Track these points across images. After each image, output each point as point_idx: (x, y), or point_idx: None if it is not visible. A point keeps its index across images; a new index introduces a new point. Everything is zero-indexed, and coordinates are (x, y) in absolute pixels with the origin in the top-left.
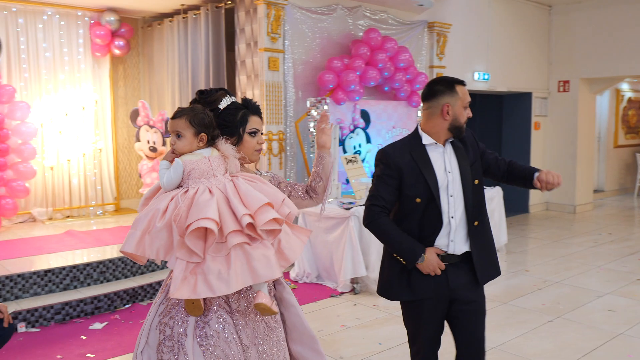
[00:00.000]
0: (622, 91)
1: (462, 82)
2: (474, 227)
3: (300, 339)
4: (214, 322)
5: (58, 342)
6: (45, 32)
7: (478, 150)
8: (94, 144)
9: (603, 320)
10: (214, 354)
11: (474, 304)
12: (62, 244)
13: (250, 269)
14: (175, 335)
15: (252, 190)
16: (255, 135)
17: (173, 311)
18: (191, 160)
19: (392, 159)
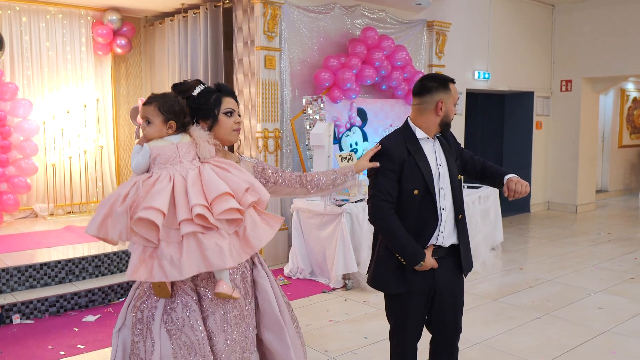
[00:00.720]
0: (628, 91)
1: (453, 81)
2: (459, 219)
3: (270, 326)
4: (180, 308)
5: (50, 334)
6: (48, 31)
7: (458, 148)
8: (96, 142)
9: (591, 318)
10: (180, 339)
11: (455, 295)
12: (61, 239)
13: (203, 257)
14: (145, 319)
15: (214, 178)
16: (232, 115)
17: (145, 296)
18: (157, 146)
19: (393, 153)
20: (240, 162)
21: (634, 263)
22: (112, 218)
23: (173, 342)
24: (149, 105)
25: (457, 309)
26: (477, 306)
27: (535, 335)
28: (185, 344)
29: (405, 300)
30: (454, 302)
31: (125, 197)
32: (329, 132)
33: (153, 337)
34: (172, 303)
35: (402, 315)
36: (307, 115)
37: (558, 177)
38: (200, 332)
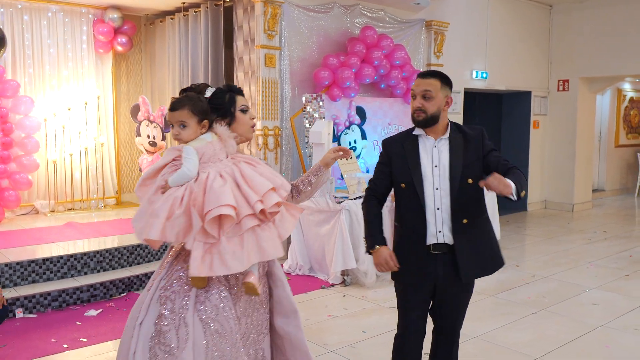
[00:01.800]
0: (624, 91)
1: (419, 75)
2: (462, 224)
3: (284, 312)
4: (214, 297)
5: (53, 328)
6: (50, 29)
7: (482, 150)
8: (96, 139)
9: (586, 314)
10: (212, 327)
11: (455, 295)
12: (62, 235)
13: (260, 248)
14: (177, 309)
15: (256, 175)
16: (247, 112)
17: (175, 286)
18: (199, 146)
19: (386, 147)
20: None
21: (629, 261)
22: (170, 220)
23: (206, 330)
24: (182, 109)
25: (456, 311)
26: (473, 302)
27: (530, 330)
28: (218, 331)
29: (403, 288)
30: (452, 301)
31: (182, 199)
32: (328, 130)
33: (187, 325)
34: (206, 292)
35: (400, 302)
36: (307, 113)
37: (555, 176)
38: (233, 321)
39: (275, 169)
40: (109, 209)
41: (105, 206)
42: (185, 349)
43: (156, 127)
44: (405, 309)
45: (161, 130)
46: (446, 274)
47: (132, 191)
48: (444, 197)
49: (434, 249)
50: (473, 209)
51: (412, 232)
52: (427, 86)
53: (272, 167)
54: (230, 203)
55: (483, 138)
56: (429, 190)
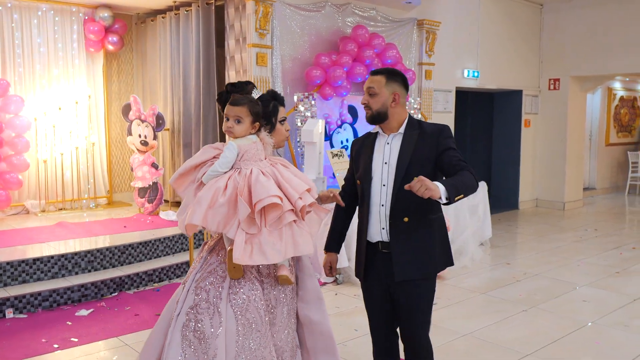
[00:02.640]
0: (615, 90)
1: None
2: (402, 221)
3: (310, 299)
4: (246, 289)
5: (44, 328)
6: (40, 28)
7: (437, 148)
8: (87, 138)
9: (576, 310)
10: (244, 316)
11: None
12: (53, 235)
13: (295, 243)
14: (212, 298)
15: (292, 176)
16: (284, 123)
17: (211, 277)
18: (244, 144)
19: (352, 147)
20: None
21: (619, 258)
22: (213, 209)
23: (237, 320)
24: (242, 106)
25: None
26: (465, 299)
27: (521, 327)
28: (248, 321)
29: (364, 288)
30: (407, 300)
31: (225, 189)
32: (320, 128)
33: (220, 314)
34: (238, 284)
35: (366, 305)
36: (299, 112)
37: (546, 174)
38: (263, 311)
39: None
40: (100, 209)
41: (97, 206)
42: (218, 337)
43: (147, 126)
44: (366, 309)
45: (152, 130)
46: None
47: (123, 191)
48: (389, 195)
49: (381, 247)
50: (416, 208)
51: (361, 229)
52: (371, 83)
53: None
54: (279, 194)
55: (441, 135)
56: (376, 187)
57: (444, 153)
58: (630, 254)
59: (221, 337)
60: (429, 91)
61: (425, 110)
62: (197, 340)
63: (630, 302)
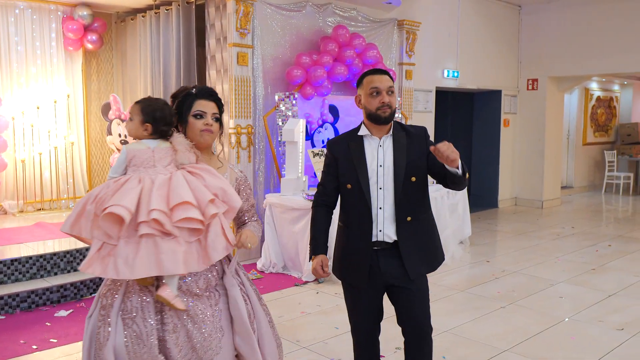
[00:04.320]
0: (591, 90)
1: (372, 72)
2: (406, 222)
3: (239, 331)
4: (135, 298)
5: (23, 329)
6: (17, 26)
7: (425, 148)
8: (66, 138)
9: (552, 306)
10: (131, 328)
11: (409, 288)
12: (31, 235)
13: (157, 260)
14: (107, 306)
15: (180, 186)
16: (201, 117)
17: (110, 284)
18: (133, 148)
19: (331, 149)
20: (227, 170)
21: (595, 255)
22: (84, 216)
23: (126, 330)
24: (137, 104)
25: (415, 301)
26: (445, 297)
27: (499, 323)
28: (135, 333)
29: (352, 289)
30: (408, 294)
31: (97, 196)
32: (300, 128)
33: (110, 324)
34: (129, 293)
35: (349, 303)
36: (280, 111)
37: (525, 173)
38: (150, 325)
39: (248, 167)
40: None
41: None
42: (105, 347)
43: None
44: (352, 310)
45: None
46: (393, 272)
47: None
48: (387, 197)
49: (373, 245)
50: (417, 207)
51: (358, 232)
52: (388, 82)
53: (245, 166)
54: (126, 205)
55: (426, 137)
56: (374, 190)
57: (431, 155)
58: (606, 251)
59: (109, 348)
60: (410, 91)
61: (405, 110)
62: (96, 350)
63: (605, 298)
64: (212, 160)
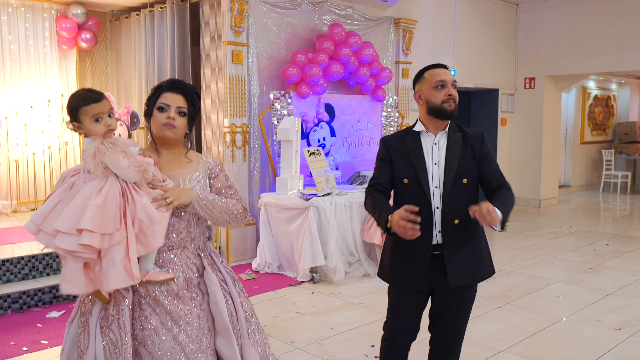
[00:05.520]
0: (589, 89)
1: (433, 66)
2: (453, 225)
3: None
4: (111, 305)
5: (14, 330)
6: (10, 25)
7: (479, 152)
8: (60, 137)
9: (549, 306)
10: (108, 336)
11: (455, 300)
12: (24, 236)
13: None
14: (85, 313)
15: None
16: (164, 110)
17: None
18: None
19: (385, 142)
20: (200, 163)
21: (592, 254)
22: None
23: (104, 338)
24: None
25: (456, 312)
26: None
27: (496, 323)
28: (112, 341)
29: (399, 291)
30: (452, 304)
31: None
32: (296, 126)
33: (89, 332)
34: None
35: (392, 305)
36: (275, 110)
37: (522, 172)
38: (125, 333)
39: (244, 166)
40: None
41: None
42: (86, 355)
43: (122, 125)
44: (396, 312)
45: (127, 128)
46: (442, 277)
47: None
48: (441, 196)
49: (434, 249)
50: (464, 211)
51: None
52: (452, 77)
53: (240, 165)
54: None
55: (482, 140)
56: (431, 188)
57: (487, 162)
58: (603, 250)
59: (89, 356)
60: (406, 89)
61: (402, 108)
62: (79, 355)
63: (602, 298)
64: (179, 158)
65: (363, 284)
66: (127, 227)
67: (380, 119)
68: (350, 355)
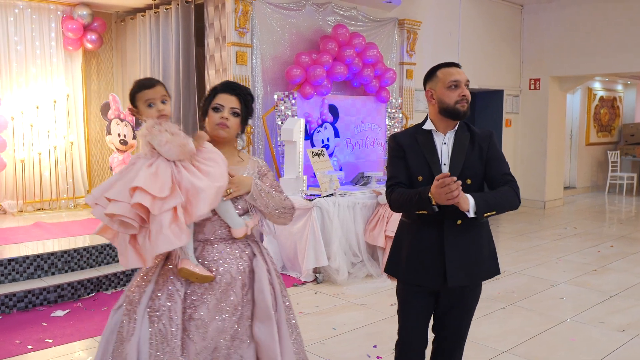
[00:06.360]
0: (594, 90)
1: (446, 65)
2: (456, 225)
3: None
4: (164, 297)
5: (18, 329)
6: (17, 26)
7: (486, 153)
8: (66, 138)
9: (553, 307)
10: (157, 326)
11: (460, 299)
12: (29, 235)
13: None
14: (133, 302)
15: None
16: (219, 110)
17: (139, 280)
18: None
19: (397, 139)
20: (249, 163)
21: (597, 256)
22: None
23: (152, 327)
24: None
25: (461, 311)
26: None
27: (499, 324)
28: (161, 332)
29: (408, 290)
30: (458, 303)
31: None
32: (299, 127)
33: (136, 320)
34: (158, 291)
35: (401, 304)
36: (279, 111)
37: (527, 173)
38: (176, 326)
39: None
40: (80, 209)
41: (76, 206)
42: (129, 342)
43: (127, 125)
44: (409, 313)
45: (132, 129)
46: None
47: None
48: None
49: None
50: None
51: (429, 228)
52: (466, 76)
53: None
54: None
55: (490, 140)
56: None
57: (491, 161)
58: (608, 252)
59: (132, 344)
60: (410, 90)
61: (406, 109)
62: (119, 344)
63: (606, 299)
64: (231, 157)
65: (366, 284)
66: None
67: (384, 120)
68: (352, 355)
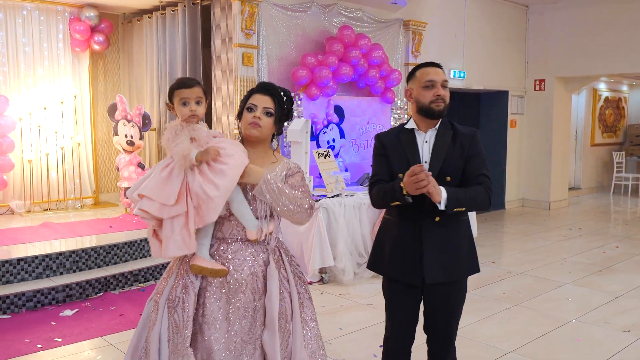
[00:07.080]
0: (599, 90)
1: (425, 65)
2: (434, 222)
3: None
4: (179, 288)
5: (27, 328)
6: (25, 27)
7: (467, 151)
8: (73, 138)
9: (558, 308)
10: (173, 317)
11: (445, 295)
12: (37, 235)
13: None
14: (159, 292)
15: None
16: (252, 110)
17: (168, 270)
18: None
19: (380, 138)
20: (281, 163)
21: (602, 257)
22: None
23: (170, 318)
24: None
25: (447, 308)
26: None
27: (503, 324)
28: (176, 322)
29: (392, 287)
30: (443, 299)
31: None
32: (305, 128)
33: (158, 310)
34: (177, 283)
35: (387, 300)
36: None
37: (532, 174)
38: (188, 317)
39: None
40: (87, 209)
41: (83, 206)
42: (152, 331)
43: (134, 126)
44: (394, 309)
45: (139, 130)
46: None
47: (110, 191)
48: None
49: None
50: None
51: (410, 224)
52: (444, 76)
53: None
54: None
55: (473, 140)
56: None
57: (471, 159)
58: (613, 253)
59: (154, 332)
60: None
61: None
62: (146, 331)
63: (612, 300)
64: (264, 158)
65: (372, 284)
66: (187, 201)
67: (389, 121)
68: (358, 355)
